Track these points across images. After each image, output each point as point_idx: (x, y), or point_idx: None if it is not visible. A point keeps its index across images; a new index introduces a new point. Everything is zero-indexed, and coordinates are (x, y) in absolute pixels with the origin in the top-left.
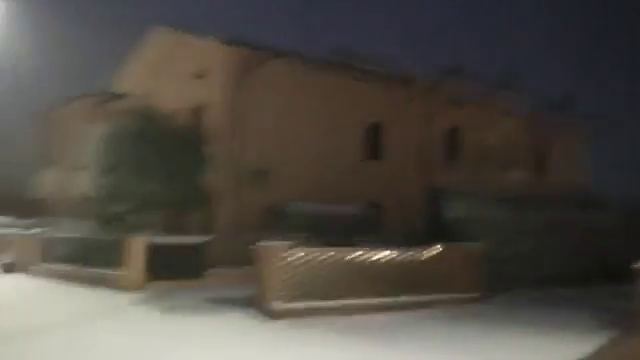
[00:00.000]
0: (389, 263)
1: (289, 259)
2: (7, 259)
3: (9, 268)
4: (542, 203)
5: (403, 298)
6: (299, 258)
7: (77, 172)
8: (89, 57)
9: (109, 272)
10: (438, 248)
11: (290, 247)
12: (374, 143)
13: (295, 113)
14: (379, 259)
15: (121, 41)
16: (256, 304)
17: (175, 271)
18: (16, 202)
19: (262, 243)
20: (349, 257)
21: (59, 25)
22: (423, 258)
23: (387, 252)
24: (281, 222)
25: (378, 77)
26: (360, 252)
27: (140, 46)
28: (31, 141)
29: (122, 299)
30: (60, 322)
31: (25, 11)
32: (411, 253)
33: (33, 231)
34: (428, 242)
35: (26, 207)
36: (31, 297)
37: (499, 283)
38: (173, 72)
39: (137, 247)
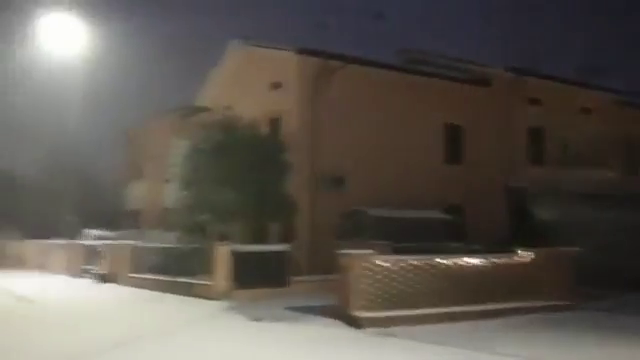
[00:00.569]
0: (476, 269)
1: (373, 267)
2: (101, 269)
3: (103, 278)
4: (634, 202)
5: (491, 306)
6: (383, 265)
7: (163, 185)
8: (173, 73)
9: (196, 281)
10: (528, 253)
11: (373, 254)
12: (453, 145)
13: (371, 118)
14: (465, 265)
15: (204, 57)
16: (340, 313)
17: (260, 279)
18: (109, 214)
19: (345, 251)
20: (434, 264)
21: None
22: (512, 264)
23: (473, 258)
24: (360, 229)
25: (455, 77)
26: (445, 258)
27: (221, 60)
28: (120, 156)
29: (210, 307)
30: (155, 331)
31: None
32: (498, 259)
33: (124, 242)
34: (515, 246)
35: (118, 219)
36: (125, 306)
37: (593, 288)
38: (251, 84)
39: (222, 256)
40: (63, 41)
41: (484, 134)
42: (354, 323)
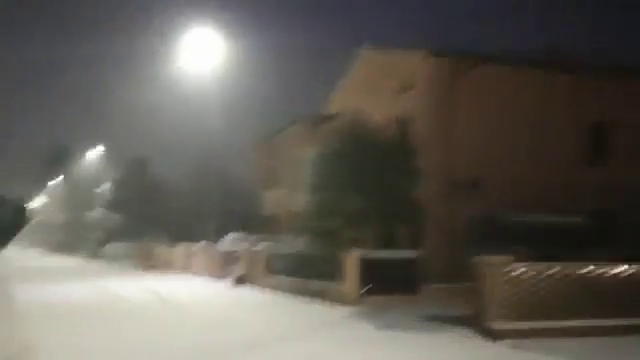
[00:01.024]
0: (627, 279)
1: (512, 274)
2: (238, 272)
3: (240, 281)
4: None
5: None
6: (523, 273)
7: (295, 191)
8: (306, 82)
9: (326, 286)
10: None
11: (512, 261)
12: (598, 144)
13: (506, 117)
14: (615, 274)
15: (335, 64)
16: (475, 323)
17: (389, 286)
18: (247, 219)
19: (481, 257)
20: (580, 272)
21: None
22: None
23: (624, 266)
24: (495, 234)
25: (598, 72)
26: (592, 267)
27: (349, 66)
28: (258, 163)
29: (339, 313)
30: (286, 334)
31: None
32: None
33: (259, 246)
34: None
35: (255, 224)
36: (259, 308)
37: None
38: (380, 88)
39: (352, 262)
40: (203, 55)
41: (634, 131)
42: (490, 335)
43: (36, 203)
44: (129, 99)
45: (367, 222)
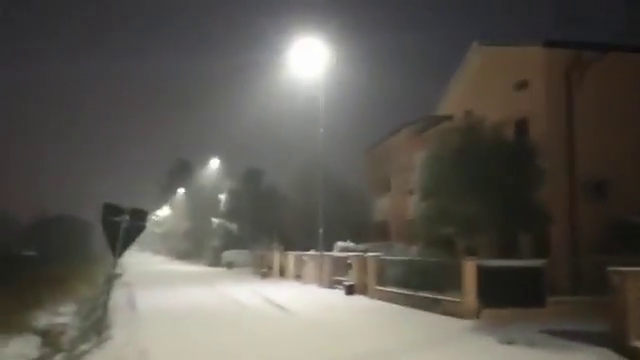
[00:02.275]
0: None
1: None
2: (348, 281)
3: (350, 290)
4: None
5: None
6: None
7: (407, 197)
8: (416, 84)
9: (441, 297)
10: None
11: None
12: None
13: (633, 112)
14: None
15: (446, 64)
16: (612, 341)
17: (511, 298)
18: (358, 227)
19: (618, 268)
20: None
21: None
22: None
23: None
24: (632, 241)
25: None
26: None
27: (461, 65)
28: (367, 170)
29: (455, 326)
30: (401, 348)
31: (351, 50)
32: None
33: (370, 254)
34: None
35: (367, 231)
36: (371, 319)
37: None
38: (493, 86)
39: (468, 271)
40: (313, 63)
41: None
42: (631, 355)
43: (162, 213)
44: (242, 111)
45: (485, 228)
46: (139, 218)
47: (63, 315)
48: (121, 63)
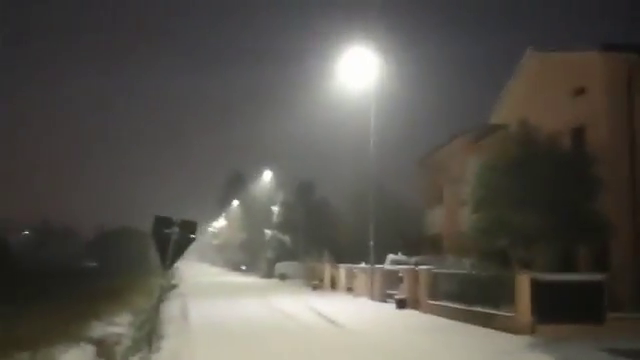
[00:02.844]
0: None
1: None
2: (400, 295)
3: (401, 303)
4: None
5: None
6: None
7: (460, 209)
8: (468, 93)
9: (495, 312)
10: None
11: None
12: None
13: None
14: None
15: (499, 72)
16: None
17: (568, 313)
18: (411, 239)
19: None
20: None
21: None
22: None
23: None
24: None
25: None
26: None
27: (515, 72)
28: (419, 181)
29: (510, 342)
30: None
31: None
32: None
33: (421, 267)
34: None
35: (419, 244)
36: (423, 335)
37: None
38: (549, 93)
39: (523, 285)
40: (362, 72)
41: None
42: None
43: (219, 225)
44: (295, 122)
45: (541, 241)
46: (188, 230)
47: (119, 325)
48: (175, 80)
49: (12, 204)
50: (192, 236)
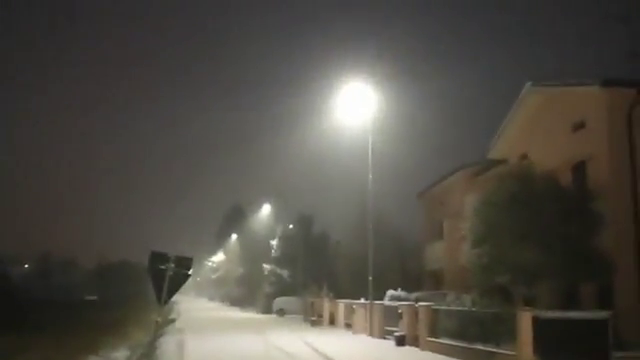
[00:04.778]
0: None
1: None
2: (399, 331)
3: (401, 341)
4: None
5: None
6: None
7: (461, 244)
8: (465, 129)
9: (496, 350)
10: None
11: None
12: None
13: None
14: None
15: (497, 107)
16: None
17: (572, 352)
18: (410, 275)
19: None
20: None
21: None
22: None
23: None
24: None
25: None
26: None
27: (514, 107)
28: (420, 216)
29: None
30: None
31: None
32: None
33: (421, 304)
34: None
35: (419, 279)
36: None
37: None
38: (549, 128)
39: (525, 322)
40: (360, 107)
41: None
42: None
43: (217, 259)
44: (292, 156)
45: (543, 277)
46: (184, 266)
47: None
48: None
49: (13, 237)
50: (188, 272)
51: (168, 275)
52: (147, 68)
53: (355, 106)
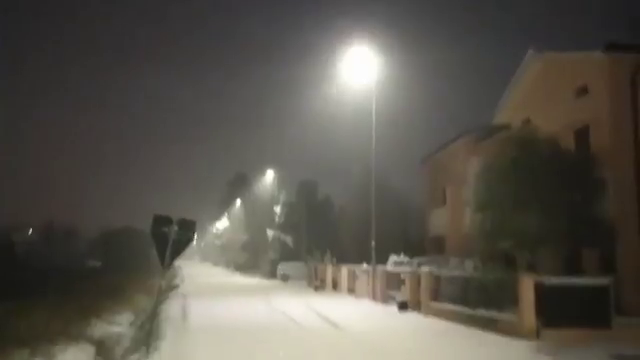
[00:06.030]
0: None
1: None
2: (401, 297)
3: (403, 306)
4: None
5: None
6: None
7: (464, 209)
8: (470, 95)
9: (497, 315)
10: None
11: None
12: None
13: None
14: None
15: (501, 74)
16: None
17: (573, 318)
18: (414, 241)
19: None
20: None
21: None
22: None
23: None
24: None
25: None
26: None
27: (517, 74)
28: (421, 182)
29: (513, 348)
30: None
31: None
32: None
33: (423, 269)
34: None
35: (422, 245)
36: (423, 338)
37: None
38: (552, 94)
39: (527, 288)
40: (364, 72)
41: None
42: None
43: (222, 226)
44: (296, 122)
45: (546, 243)
46: (187, 229)
47: (119, 325)
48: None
49: (17, 204)
50: (191, 235)
51: (171, 238)
52: (151, 31)
53: (360, 71)
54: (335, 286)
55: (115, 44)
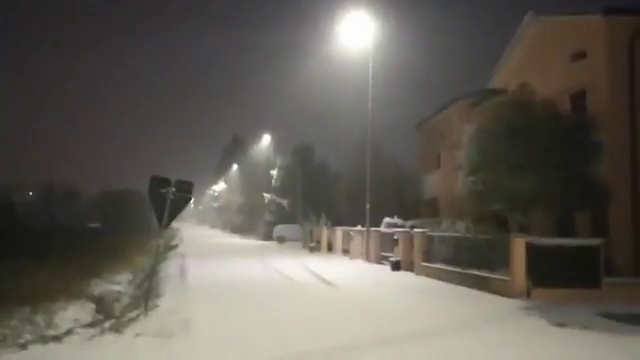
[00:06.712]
0: None
1: None
2: (394, 257)
3: (396, 266)
4: None
5: None
6: None
7: (457, 174)
8: (467, 58)
9: (488, 275)
10: None
11: None
12: None
13: None
14: None
15: (499, 37)
16: None
17: (563, 278)
18: (403, 204)
19: None
20: None
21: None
22: None
23: None
24: None
25: None
26: None
27: (515, 38)
28: (417, 145)
29: (504, 306)
30: (445, 327)
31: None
32: None
33: (416, 230)
34: None
35: (412, 208)
36: (416, 297)
37: None
38: (549, 58)
39: (518, 249)
40: (360, 36)
41: None
42: None
43: (218, 188)
44: (293, 87)
45: (538, 205)
46: (184, 190)
47: (119, 284)
48: (172, 44)
49: (17, 165)
50: (188, 196)
51: (169, 199)
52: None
53: (356, 36)
54: (330, 248)
55: (111, 4)
